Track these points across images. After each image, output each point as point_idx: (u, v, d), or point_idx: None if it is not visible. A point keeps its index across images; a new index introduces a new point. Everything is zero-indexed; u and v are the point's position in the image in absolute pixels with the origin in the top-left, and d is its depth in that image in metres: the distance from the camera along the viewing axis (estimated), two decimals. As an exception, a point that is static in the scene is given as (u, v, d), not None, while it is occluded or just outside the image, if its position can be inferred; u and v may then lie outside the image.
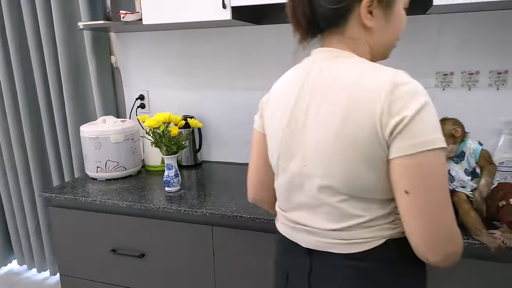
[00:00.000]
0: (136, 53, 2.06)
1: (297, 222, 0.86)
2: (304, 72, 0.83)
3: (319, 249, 0.82)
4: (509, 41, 1.51)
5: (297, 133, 0.81)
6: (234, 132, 1.98)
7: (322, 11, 0.78)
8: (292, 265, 0.90)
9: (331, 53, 0.81)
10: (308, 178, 0.80)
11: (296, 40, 0.86)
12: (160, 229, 1.51)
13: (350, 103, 0.73)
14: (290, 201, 0.87)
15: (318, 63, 0.82)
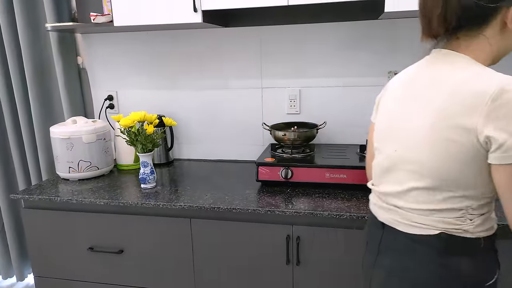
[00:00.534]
0: (104, 53, 2.08)
1: (380, 198, 1.00)
2: (418, 70, 0.94)
3: (390, 224, 0.96)
4: (449, 43, 1.72)
5: (398, 122, 0.92)
6: (204, 130, 2.06)
7: (467, 6, 0.79)
8: (371, 235, 1.05)
9: (449, 55, 0.86)
10: (399, 162, 0.92)
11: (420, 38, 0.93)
12: (138, 225, 1.57)
13: (452, 102, 0.79)
14: (380, 179, 1.00)
15: (432, 63, 0.90)
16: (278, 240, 1.44)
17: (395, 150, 0.93)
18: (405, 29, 1.74)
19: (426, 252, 0.88)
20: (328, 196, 1.50)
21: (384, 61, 1.79)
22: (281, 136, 1.71)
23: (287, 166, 1.58)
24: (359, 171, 1.53)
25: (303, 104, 1.91)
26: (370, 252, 1.04)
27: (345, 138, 1.90)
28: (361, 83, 1.84)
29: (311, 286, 1.46)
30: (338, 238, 1.39)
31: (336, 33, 1.81)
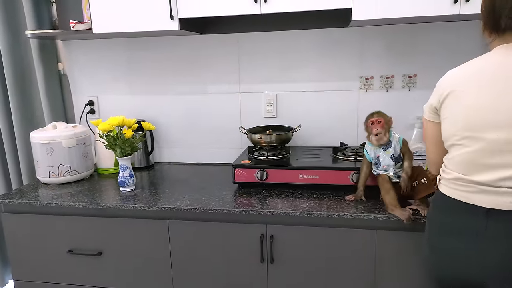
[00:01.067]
0: (84, 60, 2.11)
1: (485, 184, 1.00)
2: (497, 60, 1.01)
3: (499, 207, 0.98)
4: (416, 49, 1.80)
5: (496, 110, 0.96)
6: (183, 134, 2.11)
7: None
8: (463, 222, 1.03)
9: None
10: (505, 146, 0.96)
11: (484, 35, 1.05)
12: (117, 227, 1.60)
13: None
14: (479, 167, 1.00)
15: (508, 55, 1.00)
16: (252, 239, 1.49)
17: (497, 135, 0.97)
18: (373, 36, 1.82)
19: None
20: (301, 196, 1.56)
21: (355, 67, 1.87)
22: (258, 139, 1.77)
23: (263, 168, 1.63)
24: (331, 172, 1.59)
25: (280, 108, 1.98)
26: (461, 239, 1.04)
27: (320, 141, 1.97)
28: (334, 88, 1.91)
29: (285, 283, 1.51)
30: (309, 236, 1.45)
31: (310, 40, 1.88)
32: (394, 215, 1.35)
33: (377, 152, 1.44)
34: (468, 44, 1.75)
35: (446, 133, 1.08)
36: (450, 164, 1.08)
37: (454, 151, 1.06)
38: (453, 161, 1.07)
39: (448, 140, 1.07)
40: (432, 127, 1.15)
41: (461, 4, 1.43)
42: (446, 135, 1.07)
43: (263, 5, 1.55)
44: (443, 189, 1.10)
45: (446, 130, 1.07)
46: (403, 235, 1.38)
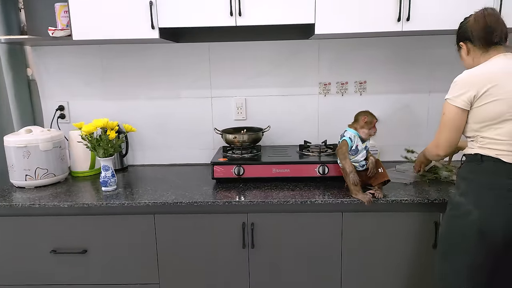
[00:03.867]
0: (54, 65, 2.14)
1: None
2: (507, 63, 1.34)
3: None
4: (367, 58, 2.10)
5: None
6: (157, 137, 2.21)
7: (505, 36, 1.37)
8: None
9: (510, 56, 1.36)
10: None
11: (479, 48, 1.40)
12: (101, 225, 1.67)
13: None
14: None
15: (511, 59, 1.36)
16: (234, 228, 1.65)
17: None
18: (329, 48, 2.09)
19: None
20: (276, 188, 1.75)
21: (315, 74, 2.12)
22: (232, 139, 1.94)
23: (239, 164, 1.80)
24: (300, 165, 1.81)
25: (249, 111, 2.16)
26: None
27: (286, 140, 2.18)
28: (297, 93, 2.14)
29: (265, 266, 1.68)
30: (285, 222, 1.64)
31: (275, 49, 2.10)
32: (357, 199, 1.59)
33: (357, 141, 1.69)
34: (409, 55, 2.08)
35: (496, 111, 1.31)
36: (503, 135, 1.31)
37: (507, 125, 1.31)
38: (508, 131, 1.31)
39: (500, 117, 1.31)
40: (462, 115, 1.36)
41: (403, 22, 1.73)
42: (497, 113, 1.31)
43: (238, 18, 1.73)
44: (503, 157, 1.31)
45: (496, 109, 1.31)
46: (365, 215, 1.63)
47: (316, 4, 1.71)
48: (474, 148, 1.37)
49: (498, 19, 1.37)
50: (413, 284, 1.68)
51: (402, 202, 1.59)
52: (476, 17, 1.40)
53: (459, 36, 1.48)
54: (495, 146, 1.32)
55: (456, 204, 1.38)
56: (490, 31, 1.36)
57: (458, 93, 1.36)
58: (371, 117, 1.70)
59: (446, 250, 1.41)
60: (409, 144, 2.13)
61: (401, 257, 1.66)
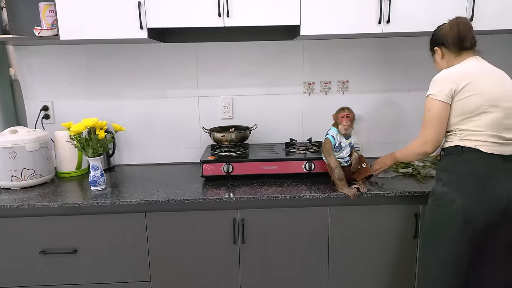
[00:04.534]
0: (37, 65, 2.12)
1: (507, 139, 1.40)
2: (479, 64, 1.50)
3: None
4: (349, 58, 2.18)
5: (501, 90, 1.42)
6: (144, 137, 2.22)
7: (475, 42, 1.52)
8: (502, 168, 1.40)
9: (481, 59, 1.52)
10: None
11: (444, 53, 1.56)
12: (91, 224, 1.68)
13: (506, 76, 1.48)
14: (502, 126, 1.40)
15: (482, 61, 1.51)
16: (225, 224, 1.69)
17: (509, 104, 1.41)
18: (312, 48, 2.16)
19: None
20: (264, 184, 1.80)
21: (299, 74, 2.18)
22: (220, 137, 1.98)
23: (228, 162, 1.84)
24: (287, 162, 1.86)
25: (235, 110, 2.21)
26: (497, 178, 1.40)
27: (272, 138, 2.24)
28: (282, 92, 2.20)
29: (255, 261, 1.73)
30: (275, 217, 1.69)
31: (260, 50, 2.15)
32: (343, 193, 1.66)
33: (340, 139, 1.75)
34: (389, 56, 2.17)
35: (474, 104, 1.42)
36: (480, 127, 1.41)
37: (484, 117, 1.41)
38: (484, 123, 1.41)
39: (477, 110, 1.42)
40: (446, 108, 1.45)
41: (384, 24, 1.81)
42: (475, 106, 1.42)
43: (226, 19, 1.77)
44: (481, 148, 1.42)
45: (474, 102, 1.41)
46: (350, 209, 1.70)
47: (302, 7, 1.77)
48: (454, 140, 1.47)
49: (470, 28, 1.52)
50: (397, 273, 1.77)
51: (384, 196, 1.68)
52: (451, 25, 1.53)
53: (434, 42, 1.60)
54: (474, 137, 1.43)
55: (440, 194, 1.47)
56: (463, 37, 1.50)
57: (439, 88, 1.46)
58: (338, 112, 1.78)
59: (429, 240, 1.50)
60: (389, 141, 2.23)
61: (385, 246, 1.74)
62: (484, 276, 1.50)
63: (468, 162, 1.43)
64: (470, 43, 1.51)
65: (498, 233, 1.45)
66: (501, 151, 1.41)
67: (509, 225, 1.46)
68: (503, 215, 1.41)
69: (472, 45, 1.52)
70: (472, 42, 1.52)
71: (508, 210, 1.41)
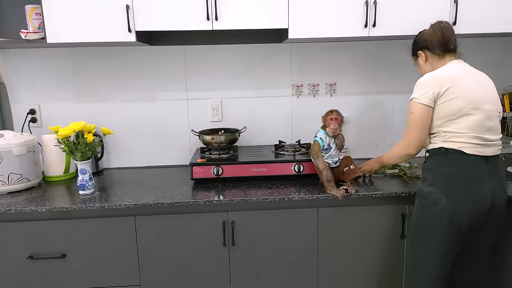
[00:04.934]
0: (24, 67, 2.09)
1: (486, 140, 1.44)
2: (461, 67, 1.54)
3: (494, 154, 1.46)
4: (337, 61, 2.21)
5: (482, 92, 1.46)
6: (132, 140, 2.21)
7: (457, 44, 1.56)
8: (486, 169, 1.45)
9: (463, 62, 1.57)
10: (493, 114, 1.46)
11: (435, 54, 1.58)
12: (80, 228, 1.67)
13: (487, 79, 1.53)
14: (483, 128, 1.44)
15: (464, 64, 1.55)
16: (215, 226, 1.70)
17: (489, 106, 1.46)
18: (300, 51, 2.18)
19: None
20: (254, 186, 1.82)
21: (287, 76, 2.21)
22: (210, 140, 1.98)
23: (218, 165, 1.85)
24: (277, 164, 1.88)
25: (225, 113, 2.22)
26: (480, 179, 1.44)
27: (261, 140, 2.25)
28: (271, 94, 2.22)
29: (245, 263, 1.74)
30: (264, 219, 1.71)
31: (249, 52, 2.17)
32: (331, 194, 1.69)
33: (329, 140, 1.78)
34: (375, 58, 2.21)
35: (456, 107, 1.45)
36: (463, 129, 1.45)
37: (466, 119, 1.44)
38: (467, 125, 1.44)
39: (459, 112, 1.45)
40: (429, 111, 1.49)
41: (370, 28, 1.84)
42: (457, 108, 1.45)
43: (215, 22, 1.78)
44: (465, 149, 1.45)
45: (456, 105, 1.44)
46: (339, 209, 1.73)
47: (290, 11, 1.79)
48: (438, 142, 1.50)
49: (452, 30, 1.56)
50: (386, 273, 1.80)
51: (372, 196, 1.70)
52: (434, 29, 1.57)
53: (416, 46, 1.64)
54: (457, 139, 1.46)
55: (426, 194, 1.50)
56: (447, 40, 1.54)
57: (423, 92, 1.49)
58: (326, 115, 1.81)
59: (417, 240, 1.53)
60: (376, 142, 2.27)
61: (373, 247, 1.77)
62: (469, 276, 1.54)
63: (453, 164, 1.47)
64: (453, 45, 1.56)
65: (482, 235, 1.50)
66: (484, 152, 1.45)
67: (493, 227, 1.50)
68: (487, 215, 1.45)
69: (455, 47, 1.57)
70: (455, 44, 1.56)
71: (492, 211, 1.45)
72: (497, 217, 1.49)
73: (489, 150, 1.46)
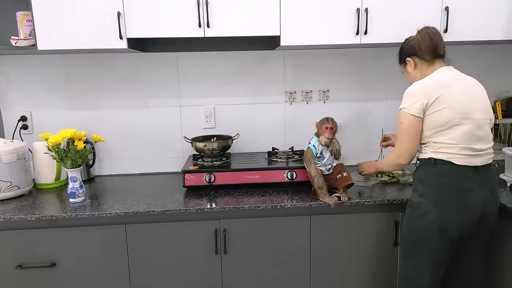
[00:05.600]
0: (14, 74, 2.08)
1: (476, 150, 1.43)
2: (451, 74, 1.53)
3: (485, 163, 1.45)
4: (330, 68, 2.21)
5: (472, 100, 1.45)
6: (124, 147, 2.20)
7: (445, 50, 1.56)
8: (476, 179, 1.44)
9: (453, 68, 1.56)
10: (483, 123, 1.45)
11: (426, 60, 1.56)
12: (70, 237, 1.65)
13: (479, 85, 1.52)
14: (473, 138, 1.43)
15: (454, 70, 1.55)
16: (207, 234, 1.69)
17: (480, 115, 1.45)
18: (293, 58, 2.18)
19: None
20: (246, 194, 1.81)
21: (281, 83, 2.20)
22: (202, 147, 1.97)
23: (210, 172, 1.84)
24: (270, 171, 1.87)
25: (218, 119, 2.21)
26: (470, 189, 1.44)
27: (254, 147, 2.25)
28: (264, 101, 2.22)
29: (238, 271, 1.73)
30: (256, 227, 1.69)
31: (242, 59, 2.16)
32: (324, 202, 1.68)
33: (322, 148, 1.77)
34: (368, 65, 2.21)
35: (445, 117, 1.43)
36: (453, 139, 1.43)
37: (456, 130, 1.43)
38: (457, 135, 1.43)
39: (449, 123, 1.43)
40: (418, 122, 1.47)
41: (361, 35, 1.85)
42: (446, 119, 1.43)
43: (207, 29, 1.78)
44: (454, 160, 1.44)
45: (445, 116, 1.43)
46: (332, 217, 1.72)
47: (281, 18, 1.79)
48: (428, 152, 1.50)
49: (440, 36, 1.56)
50: (379, 281, 1.79)
51: (365, 204, 1.70)
52: (422, 35, 1.56)
53: (404, 53, 1.62)
54: (446, 150, 1.45)
55: (416, 204, 1.49)
56: (436, 45, 1.53)
57: (411, 102, 1.47)
58: (321, 122, 1.80)
59: (408, 250, 1.52)
60: (369, 149, 2.26)
61: (366, 255, 1.76)
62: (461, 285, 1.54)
63: (442, 174, 1.46)
64: (442, 51, 1.54)
65: (472, 245, 1.49)
66: (474, 162, 1.44)
67: (483, 235, 1.50)
68: (477, 225, 1.44)
69: (444, 53, 1.55)
70: (443, 50, 1.55)
71: (482, 221, 1.45)
72: (488, 226, 1.48)
73: (479, 160, 1.45)
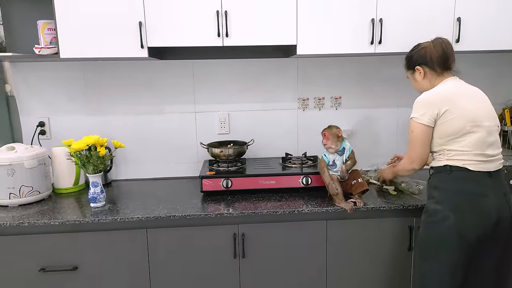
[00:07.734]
0: (34, 80, 2.12)
1: (488, 156, 1.49)
2: (458, 85, 1.59)
3: (496, 169, 1.51)
4: (342, 75, 2.26)
5: (480, 109, 1.52)
6: (141, 152, 2.24)
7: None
8: (490, 184, 1.49)
9: (458, 80, 1.61)
10: (493, 130, 1.51)
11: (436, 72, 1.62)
12: (92, 241, 1.68)
13: (483, 95, 1.58)
14: (485, 144, 1.48)
15: (460, 81, 1.60)
16: (226, 239, 1.72)
17: (489, 122, 1.51)
18: (307, 66, 2.23)
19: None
20: (263, 199, 1.85)
21: (294, 90, 2.25)
22: (218, 152, 2.01)
23: (227, 177, 1.88)
24: (285, 177, 1.91)
25: (232, 125, 2.25)
26: (485, 194, 1.48)
27: (267, 152, 2.29)
28: (277, 107, 2.26)
29: (256, 275, 1.76)
30: (274, 231, 1.73)
31: (256, 67, 2.21)
32: (340, 207, 1.72)
33: (334, 156, 1.82)
34: (380, 73, 2.26)
35: (457, 127, 1.49)
36: (466, 147, 1.49)
37: (468, 137, 1.49)
38: (469, 143, 1.49)
39: (461, 131, 1.49)
40: (429, 131, 1.53)
41: (376, 45, 1.90)
42: (458, 128, 1.49)
43: (225, 39, 1.83)
44: (469, 166, 1.49)
45: (457, 124, 1.49)
46: (348, 222, 1.76)
47: (298, 28, 1.84)
48: (442, 160, 1.54)
49: (452, 49, 1.61)
50: (394, 285, 1.82)
51: (380, 209, 1.74)
52: (435, 45, 1.60)
53: (414, 61, 1.66)
54: (461, 157, 1.50)
55: (433, 211, 1.53)
56: (447, 57, 1.58)
57: (422, 112, 1.53)
58: (323, 130, 1.86)
59: (425, 255, 1.56)
60: (381, 154, 2.30)
61: (381, 259, 1.80)
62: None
63: (458, 181, 1.51)
64: (452, 64, 1.60)
65: (488, 249, 1.53)
66: (487, 168, 1.49)
67: (499, 240, 1.54)
68: (494, 230, 1.49)
69: (453, 65, 1.61)
70: (453, 62, 1.60)
71: (498, 225, 1.49)
72: (503, 231, 1.53)
73: (491, 166, 1.50)
